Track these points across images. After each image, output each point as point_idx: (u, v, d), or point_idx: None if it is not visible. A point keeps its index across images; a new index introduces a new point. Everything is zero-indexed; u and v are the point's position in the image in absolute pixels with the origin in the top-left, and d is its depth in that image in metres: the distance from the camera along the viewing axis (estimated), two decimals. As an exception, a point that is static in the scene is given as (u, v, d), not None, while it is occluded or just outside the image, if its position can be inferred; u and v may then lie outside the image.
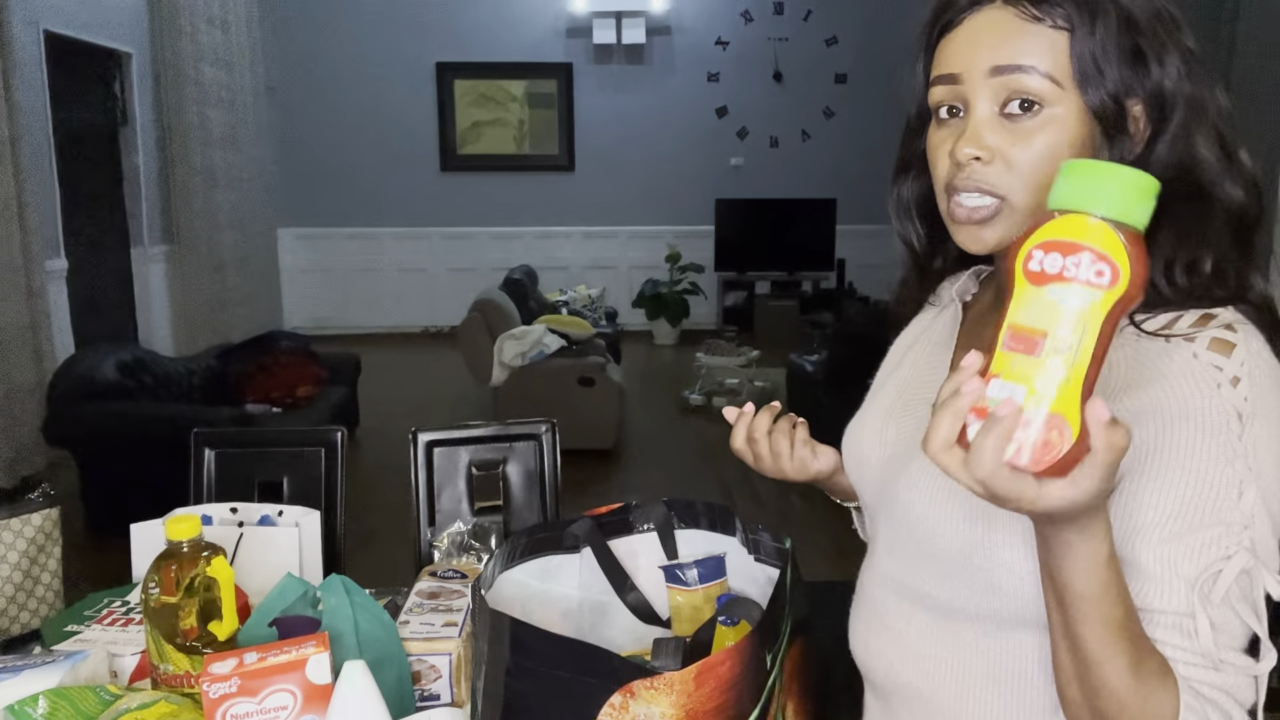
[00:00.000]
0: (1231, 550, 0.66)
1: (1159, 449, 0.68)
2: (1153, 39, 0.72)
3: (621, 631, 1.07)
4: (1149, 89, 0.73)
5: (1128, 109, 0.73)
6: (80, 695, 0.93)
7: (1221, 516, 0.66)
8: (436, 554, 1.43)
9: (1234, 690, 0.67)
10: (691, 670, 0.76)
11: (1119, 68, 0.72)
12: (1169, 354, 0.70)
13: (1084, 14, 0.71)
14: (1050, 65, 0.72)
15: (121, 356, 3.84)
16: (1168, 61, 0.73)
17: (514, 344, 4.70)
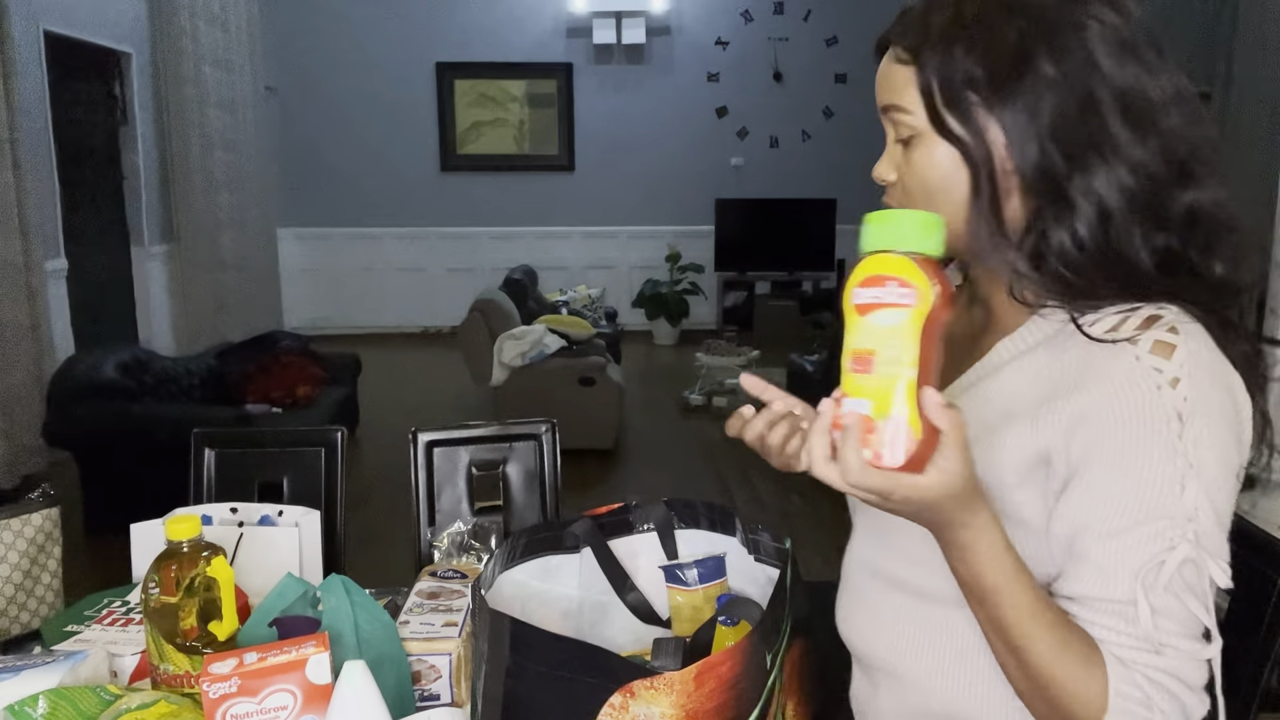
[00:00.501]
0: (1175, 542, 0.70)
1: (1103, 449, 0.72)
2: (1011, 55, 0.74)
3: (621, 631, 1.07)
4: (1014, 100, 0.74)
5: (980, 126, 0.76)
6: (80, 695, 0.93)
7: (1165, 511, 0.70)
8: (436, 554, 1.43)
9: (1178, 672, 0.71)
10: (691, 670, 0.76)
11: (971, 91, 0.75)
12: (1114, 356, 0.73)
13: (931, 51, 0.76)
14: (911, 101, 0.78)
15: (121, 356, 3.85)
16: (1035, 70, 0.73)
17: (514, 344, 4.70)
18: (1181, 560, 0.70)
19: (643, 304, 7.74)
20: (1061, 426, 0.74)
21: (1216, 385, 0.72)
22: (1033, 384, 0.78)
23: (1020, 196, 0.77)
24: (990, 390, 0.82)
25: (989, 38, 0.74)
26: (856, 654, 1.00)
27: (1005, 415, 0.79)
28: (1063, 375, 0.76)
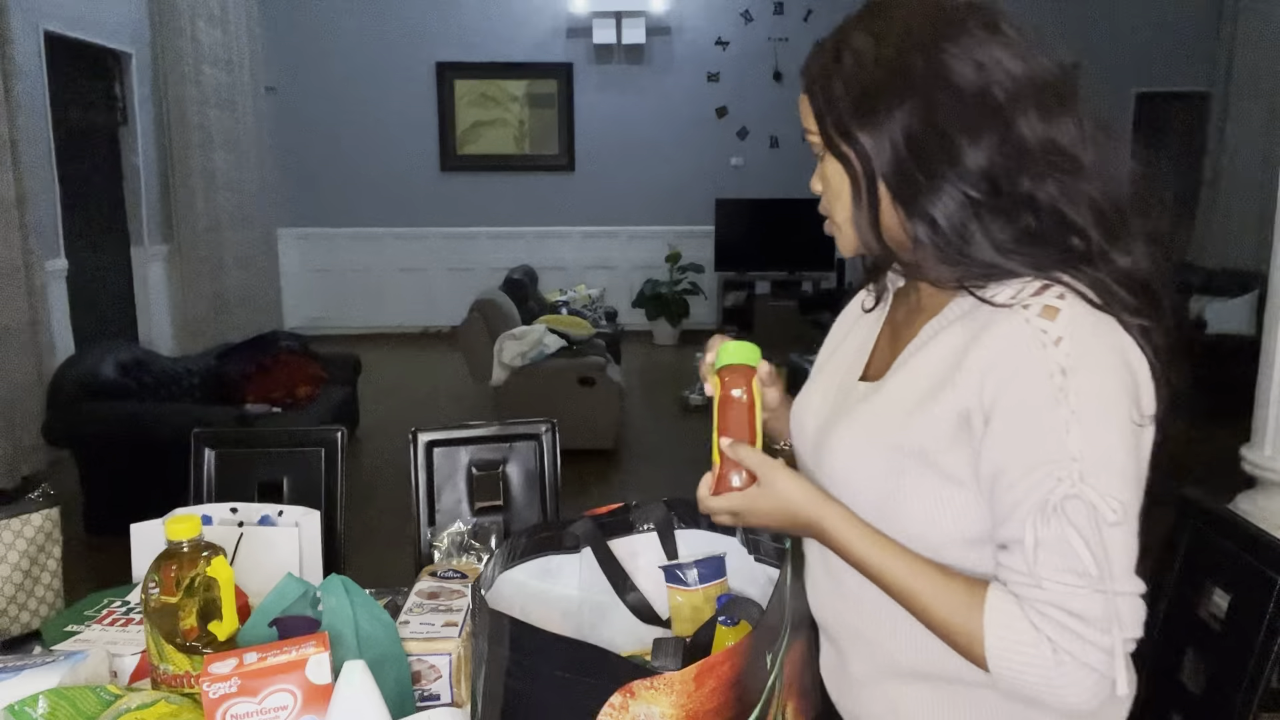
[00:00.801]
0: (1060, 480, 0.78)
1: (1003, 403, 0.81)
2: (881, 79, 0.85)
3: (621, 631, 1.07)
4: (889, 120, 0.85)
5: (860, 144, 0.87)
6: (80, 695, 0.93)
7: (1052, 454, 0.79)
8: (436, 554, 1.43)
9: (1064, 604, 0.78)
10: (691, 670, 0.76)
11: (845, 115, 0.87)
12: (1008, 319, 0.83)
13: (816, 83, 0.90)
14: (813, 125, 0.91)
15: (121, 356, 3.84)
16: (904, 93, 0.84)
17: (514, 344, 4.69)
18: (1064, 498, 0.77)
19: (643, 304, 7.74)
20: (971, 385, 0.83)
21: (1101, 343, 0.81)
22: (950, 353, 0.87)
23: (893, 201, 0.88)
24: (918, 365, 0.90)
25: (855, 73, 0.87)
26: (825, 627, 1.04)
27: (931, 385, 0.87)
28: (970, 340, 0.85)
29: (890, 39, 0.85)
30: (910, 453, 0.87)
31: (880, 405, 0.91)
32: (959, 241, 0.84)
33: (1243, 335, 5.22)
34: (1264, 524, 1.28)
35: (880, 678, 0.96)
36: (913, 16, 0.85)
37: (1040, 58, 0.84)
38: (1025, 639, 0.79)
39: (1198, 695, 1.22)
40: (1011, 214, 0.83)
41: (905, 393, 0.89)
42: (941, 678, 0.92)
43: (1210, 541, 1.27)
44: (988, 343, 0.83)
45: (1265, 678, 1.11)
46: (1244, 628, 1.15)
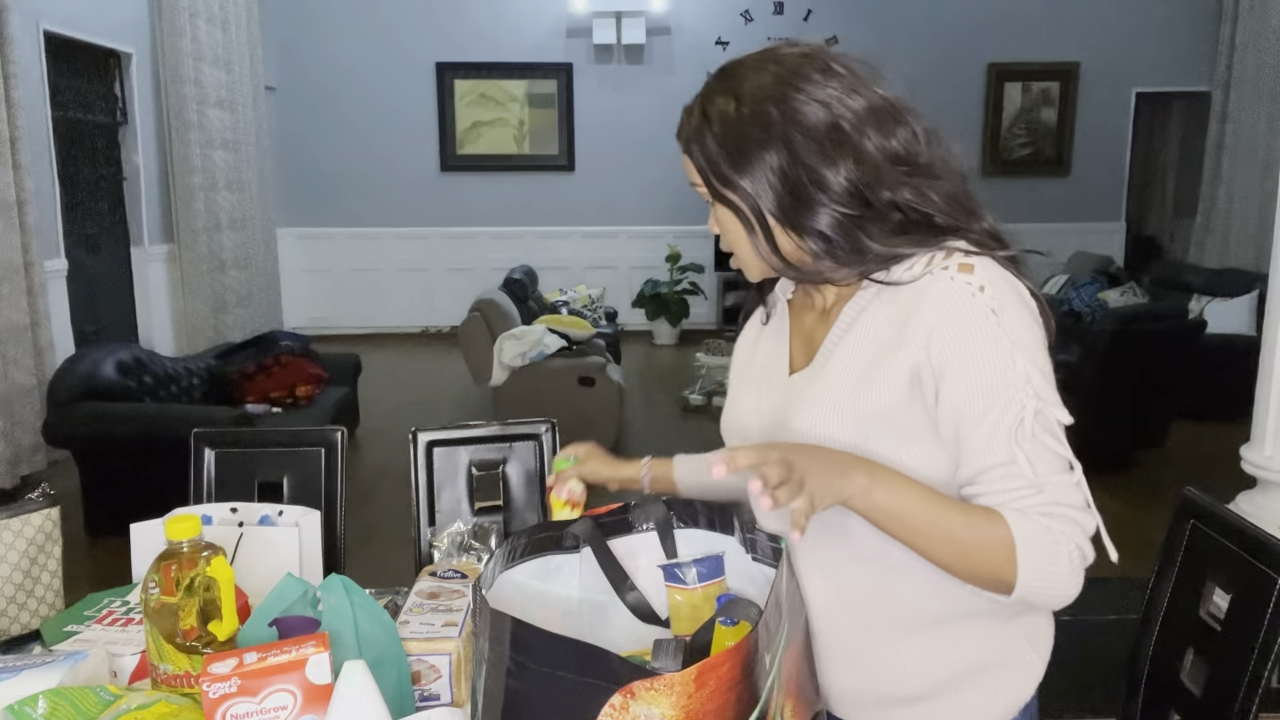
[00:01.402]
0: (1024, 401, 0.90)
1: (951, 353, 0.92)
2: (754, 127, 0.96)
3: (621, 631, 1.07)
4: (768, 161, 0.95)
5: (739, 189, 0.97)
6: (80, 695, 0.93)
7: (1008, 381, 0.90)
8: (436, 554, 1.43)
9: (1062, 499, 0.90)
10: (692, 671, 0.76)
11: (723, 167, 0.98)
12: (932, 284, 0.94)
13: (692, 143, 1.01)
14: (696, 178, 1.02)
15: (121, 356, 3.84)
16: (771, 145, 0.95)
17: (514, 344, 4.69)
18: (1035, 413, 0.90)
19: (643, 304, 7.74)
20: (917, 344, 0.93)
21: (1008, 285, 0.94)
22: (885, 325, 0.97)
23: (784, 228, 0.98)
24: (853, 341, 1.00)
25: (723, 130, 0.97)
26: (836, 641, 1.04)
27: (874, 355, 0.96)
28: (905, 308, 0.95)
29: (745, 96, 0.96)
30: (870, 416, 0.95)
31: (829, 381, 0.99)
32: (850, 247, 0.96)
33: (1243, 335, 5.22)
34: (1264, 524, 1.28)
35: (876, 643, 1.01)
36: (760, 74, 0.97)
37: (870, 86, 0.97)
38: (1045, 543, 0.88)
39: (1198, 695, 1.22)
40: (884, 216, 0.96)
41: (850, 366, 0.98)
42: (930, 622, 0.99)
43: (1210, 541, 1.27)
44: (927, 306, 0.93)
45: (1265, 678, 1.11)
46: (1244, 628, 1.15)
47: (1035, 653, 1.04)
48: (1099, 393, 4.12)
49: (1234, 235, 7.45)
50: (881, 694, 1.02)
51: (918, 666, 1.00)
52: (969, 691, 1.00)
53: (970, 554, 0.90)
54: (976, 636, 1.00)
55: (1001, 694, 1.01)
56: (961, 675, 1.00)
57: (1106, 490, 4.15)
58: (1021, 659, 1.02)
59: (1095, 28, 7.92)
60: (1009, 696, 1.02)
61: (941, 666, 1.00)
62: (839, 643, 1.02)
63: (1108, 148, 8.15)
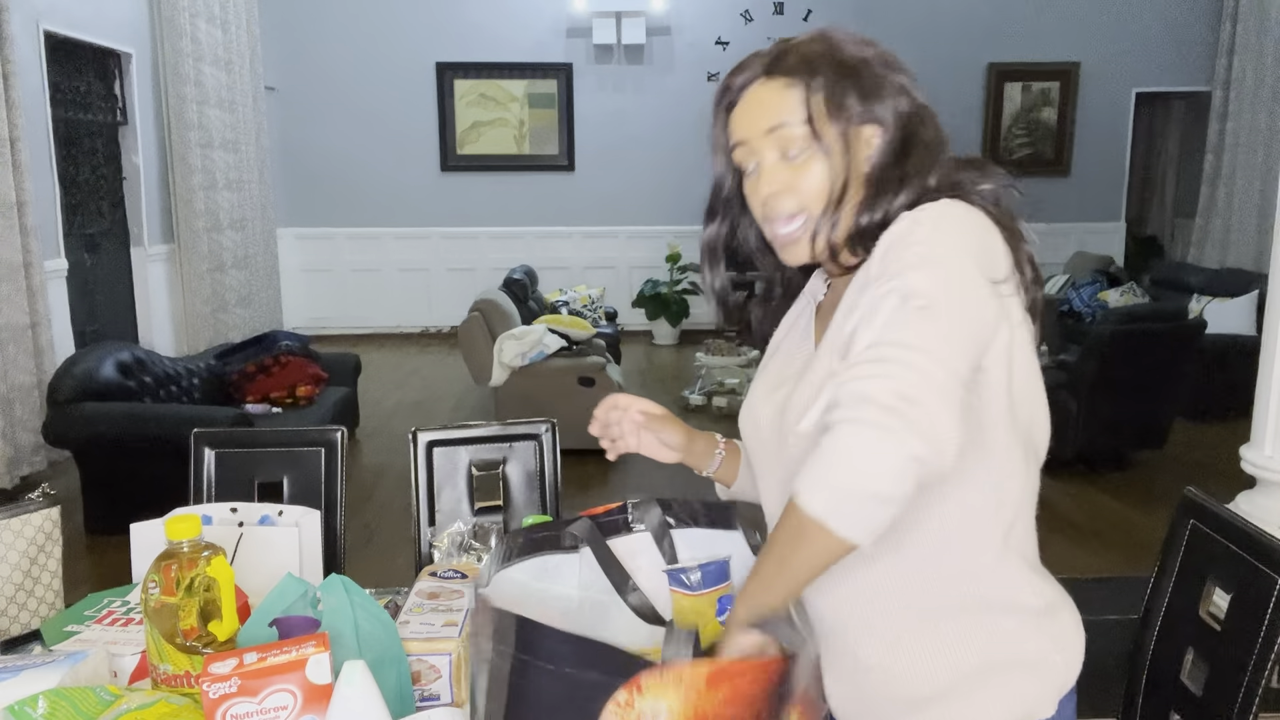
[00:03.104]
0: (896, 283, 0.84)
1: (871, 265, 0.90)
2: (871, 76, 0.95)
3: (623, 631, 1.07)
4: (876, 115, 0.95)
5: (853, 135, 0.95)
6: (80, 695, 0.93)
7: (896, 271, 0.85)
8: (436, 554, 1.43)
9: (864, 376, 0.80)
10: (704, 668, 0.76)
11: (846, 108, 0.94)
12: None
13: (811, 75, 0.94)
14: (800, 118, 0.95)
15: (121, 356, 3.84)
16: (883, 92, 0.95)
17: (514, 344, 4.69)
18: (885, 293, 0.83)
19: (643, 304, 7.74)
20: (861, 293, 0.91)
21: (958, 208, 0.90)
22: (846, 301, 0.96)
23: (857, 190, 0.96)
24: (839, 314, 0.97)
25: (858, 63, 0.95)
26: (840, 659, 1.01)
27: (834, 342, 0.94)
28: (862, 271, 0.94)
29: (876, 44, 0.97)
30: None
31: (820, 356, 0.97)
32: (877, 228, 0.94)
33: (1243, 335, 5.22)
34: (1264, 524, 1.28)
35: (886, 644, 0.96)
36: (868, 48, 0.97)
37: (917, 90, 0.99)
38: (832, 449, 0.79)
39: (1198, 695, 1.22)
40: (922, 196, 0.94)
41: (834, 337, 0.95)
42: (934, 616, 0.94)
43: (1210, 541, 1.27)
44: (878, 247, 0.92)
45: (1265, 678, 1.11)
46: (1244, 628, 1.15)
47: (1060, 655, 0.95)
48: (1099, 393, 4.12)
49: (1234, 235, 7.44)
50: (886, 697, 0.96)
51: (925, 665, 0.93)
52: (982, 694, 0.93)
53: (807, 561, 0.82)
54: (989, 632, 0.93)
55: (1019, 699, 0.93)
56: (973, 675, 0.93)
57: (1106, 490, 4.17)
58: (1044, 661, 0.94)
59: (1095, 28, 7.92)
60: (1027, 702, 0.93)
61: (951, 665, 0.93)
62: (841, 643, 0.98)
63: (1108, 148, 8.15)
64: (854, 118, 0.94)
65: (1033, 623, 0.94)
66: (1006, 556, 0.94)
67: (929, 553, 0.91)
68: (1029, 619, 0.94)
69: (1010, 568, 0.94)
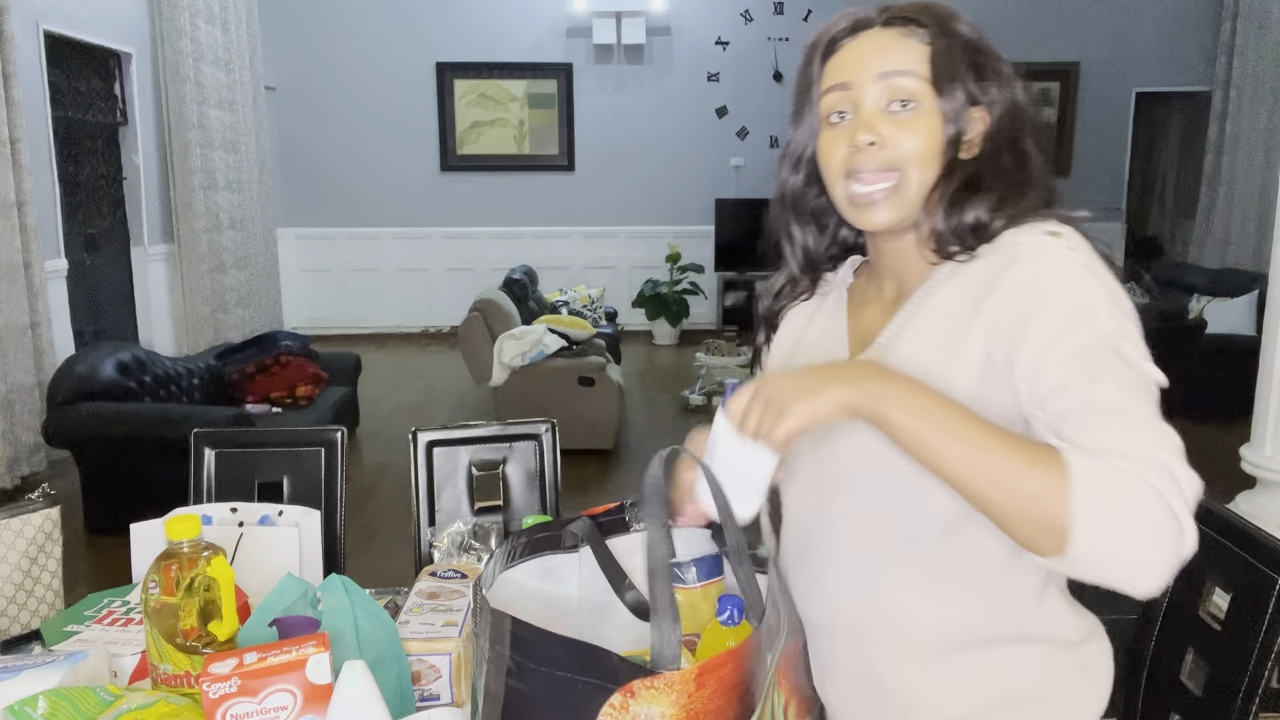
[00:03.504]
0: (1108, 339, 0.80)
1: (1033, 305, 0.83)
2: (987, 59, 0.93)
3: (621, 631, 1.07)
4: (987, 95, 0.92)
5: (967, 108, 0.91)
6: (80, 695, 0.93)
7: (1091, 325, 0.80)
8: (436, 554, 1.43)
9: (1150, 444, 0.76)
10: (693, 670, 0.76)
11: (965, 77, 0.91)
12: (1015, 247, 0.87)
13: (941, 33, 0.91)
14: (920, 70, 0.91)
15: (121, 356, 3.84)
16: (998, 78, 0.93)
17: (514, 344, 4.69)
18: (1115, 354, 0.79)
19: (643, 304, 7.74)
20: (994, 309, 0.85)
21: (1096, 257, 0.87)
22: (960, 298, 0.89)
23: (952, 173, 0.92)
24: (918, 327, 0.92)
25: (978, 35, 0.94)
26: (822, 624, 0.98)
27: (947, 331, 0.89)
28: (983, 278, 0.88)
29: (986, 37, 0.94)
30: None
31: (897, 364, 0.89)
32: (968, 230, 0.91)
33: (1243, 335, 5.22)
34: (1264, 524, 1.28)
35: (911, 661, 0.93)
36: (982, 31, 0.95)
37: None
38: (1113, 484, 0.73)
39: (1198, 695, 1.22)
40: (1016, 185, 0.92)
41: (920, 346, 0.90)
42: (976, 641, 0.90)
43: (1210, 541, 1.27)
44: (1010, 268, 0.86)
45: (1265, 678, 1.11)
46: (1244, 628, 1.15)
47: (1090, 684, 0.93)
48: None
49: (1234, 235, 7.44)
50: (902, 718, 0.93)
51: (952, 693, 0.91)
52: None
53: (1008, 483, 0.75)
54: (1022, 662, 0.90)
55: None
56: (1001, 704, 0.90)
57: (1106, 490, 4.16)
58: (1075, 690, 0.92)
59: (1095, 28, 7.92)
60: None
61: (980, 694, 0.90)
62: (858, 658, 0.95)
63: (1108, 148, 8.15)
64: (971, 92, 0.91)
65: (1065, 653, 0.92)
66: (1049, 589, 0.93)
67: (978, 582, 0.89)
68: (1062, 649, 0.92)
69: (1051, 600, 0.93)
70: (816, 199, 1.06)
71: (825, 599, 0.97)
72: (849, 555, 0.95)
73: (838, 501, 0.97)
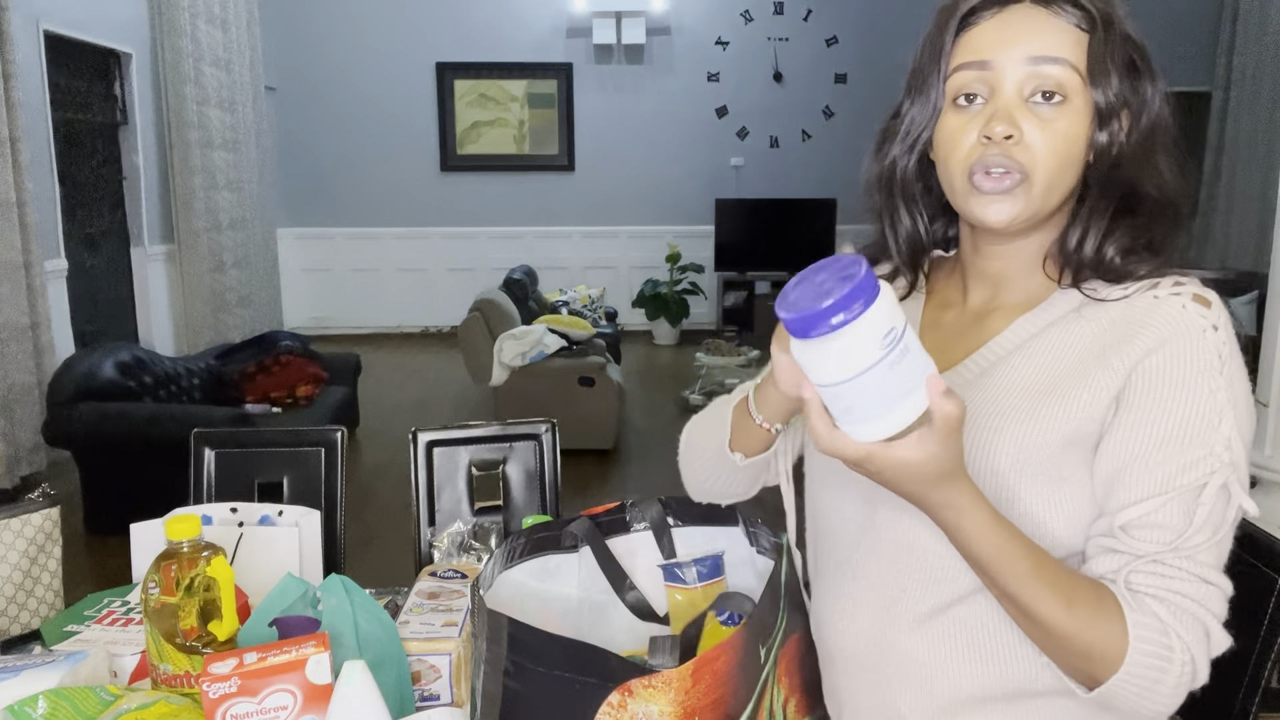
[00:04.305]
0: (1215, 467, 0.75)
1: (1154, 385, 0.77)
2: (1143, 58, 0.83)
3: (621, 630, 1.07)
4: (1138, 98, 0.83)
5: (1120, 111, 0.82)
6: (80, 695, 0.93)
7: (1207, 441, 0.76)
8: (436, 554, 1.43)
9: (1202, 598, 0.74)
10: (688, 667, 0.76)
11: (1121, 75, 0.81)
12: (1157, 308, 0.80)
13: (1101, 22, 0.80)
14: (1076, 60, 0.80)
15: (121, 356, 3.84)
16: (1153, 80, 0.83)
17: (514, 344, 4.69)
18: (1220, 486, 0.75)
19: (643, 304, 7.74)
20: (1126, 367, 0.79)
21: (1235, 337, 0.80)
22: (1083, 343, 0.82)
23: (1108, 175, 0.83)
24: (1030, 359, 0.85)
25: (1137, 46, 0.83)
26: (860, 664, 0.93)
27: (1063, 376, 0.82)
28: (1114, 328, 0.81)
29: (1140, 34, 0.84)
30: (1035, 448, 0.80)
31: (994, 396, 0.84)
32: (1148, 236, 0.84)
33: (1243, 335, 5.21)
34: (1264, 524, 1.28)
35: (940, 712, 0.88)
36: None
37: None
38: (1157, 649, 0.73)
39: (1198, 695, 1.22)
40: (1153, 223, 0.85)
41: (1026, 383, 0.83)
42: (1008, 695, 0.86)
43: (1210, 541, 1.27)
44: (1150, 329, 0.79)
45: (1265, 678, 1.11)
46: (1244, 628, 1.15)
47: None
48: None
49: (1234, 235, 7.44)
50: None
51: None
52: None
53: (1062, 640, 0.75)
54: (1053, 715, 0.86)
55: None
56: None
57: (1106, 490, 4.16)
58: None
59: (1095, 28, 7.92)
60: None
61: None
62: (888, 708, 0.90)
63: (1108, 148, 8.14)
64: (1124, 94, 0.81)
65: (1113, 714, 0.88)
66: None
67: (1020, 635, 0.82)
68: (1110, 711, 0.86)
69: None
70: (927, 183, 0.92)
71: (855, 630, 0.92)
72: (887, 586, 0.89)
73: (894, 531, 0.89)
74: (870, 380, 0.66)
